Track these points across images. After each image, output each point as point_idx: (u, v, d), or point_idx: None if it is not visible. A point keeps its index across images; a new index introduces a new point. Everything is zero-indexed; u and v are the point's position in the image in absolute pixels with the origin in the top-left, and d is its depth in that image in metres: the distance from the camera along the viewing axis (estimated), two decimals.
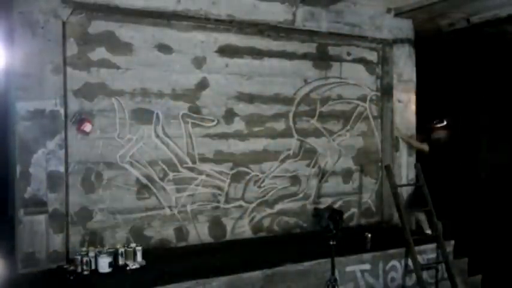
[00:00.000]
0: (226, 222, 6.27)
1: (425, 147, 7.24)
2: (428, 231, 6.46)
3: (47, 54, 5.03)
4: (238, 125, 6.35)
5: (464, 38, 8.16)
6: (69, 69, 5.30)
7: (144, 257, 5.19)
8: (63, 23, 5.19)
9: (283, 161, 6.66)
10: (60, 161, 5.10)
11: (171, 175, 5.91)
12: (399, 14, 7.10)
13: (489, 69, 9.51)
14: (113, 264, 4.94)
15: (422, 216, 6.69)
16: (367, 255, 5.68)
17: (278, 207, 6.63)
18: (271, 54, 6.55)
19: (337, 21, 6.75)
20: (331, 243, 4.78)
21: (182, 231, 5.98)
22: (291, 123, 6.71)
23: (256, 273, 4.96)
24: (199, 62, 6.07)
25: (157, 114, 5.82)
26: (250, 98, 6.42)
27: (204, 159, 6.11)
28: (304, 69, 6.82)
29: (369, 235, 5.90)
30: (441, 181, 9.45)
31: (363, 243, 5.87)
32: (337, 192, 7.09)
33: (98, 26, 5.48)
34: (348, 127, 7.19)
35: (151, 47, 5.78)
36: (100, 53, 5.49)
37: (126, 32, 5.62)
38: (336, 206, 6.97)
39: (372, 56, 7.41)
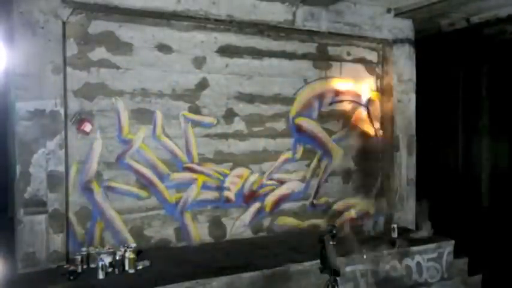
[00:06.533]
0: (226, 222, 6.28)
1: None
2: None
3: (47, 54, 5.03)
4: (238, 125, 6.35)
5: (464, 38, 8.16)
6: (69, 69, 5.30)
7: (144, 257, 5.19)
8: (63, 23, 5.19)
9: (283, 161, 6.67)
10: (60, 161, 5.10)
11: (171, 175, 5.91)
12: (399, 14, 7.09)
13: (489, 69, 9.52)
14: (113, 264, 4.94)
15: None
16: (367, 256, 5.67)
17: (278, 207, 6.63)
18: (271, 54, 6.54)
19: (337, 21, 6.74)
20: (331, 243, 4.76)
21: (182, 231, 5.98)
22: (291, 123, 6.71)
23: (256, 273, 4.96)
24: (199, 62, 6.07)
25: (157, 114, 5.82)
26: (250, 98, 6.42)
27: (204, 159, 6.12)
28: (304, 69, 6.82)
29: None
30: (441, 181, 9.47)
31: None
32: (337, 192, 7.10)
33: (98, 26, 5.48)
34: (348, 127, 7.19)
35: (151, 47, 5.78)
36: (100, 53, 5.49)
37: (126, 32, 5.62)
38: (336, 206, 7.03)
39: (372, 56, 7.41)
